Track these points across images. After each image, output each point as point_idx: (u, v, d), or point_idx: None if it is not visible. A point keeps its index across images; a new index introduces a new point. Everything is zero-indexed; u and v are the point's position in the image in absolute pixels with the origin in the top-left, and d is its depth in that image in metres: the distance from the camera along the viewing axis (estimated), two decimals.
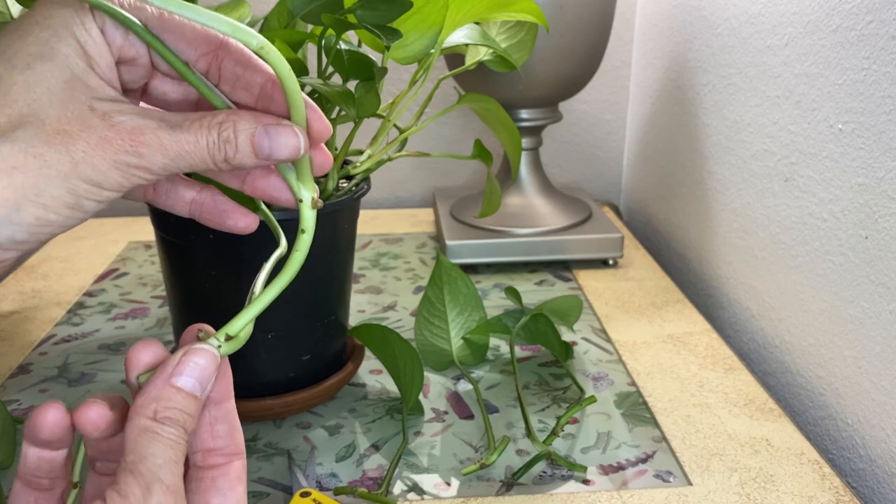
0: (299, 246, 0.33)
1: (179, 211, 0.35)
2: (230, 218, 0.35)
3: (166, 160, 0.29)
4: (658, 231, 0.96)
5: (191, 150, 0.30)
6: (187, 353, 0.30)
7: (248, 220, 0.35)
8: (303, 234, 0.33)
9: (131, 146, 0.29)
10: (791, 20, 0.63)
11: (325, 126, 0.32)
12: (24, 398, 0.59)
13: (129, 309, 0.74)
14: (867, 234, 0.54)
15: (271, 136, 0.30)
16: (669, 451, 0.52)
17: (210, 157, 0.30)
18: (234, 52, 0.32)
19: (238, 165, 0.31)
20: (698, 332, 0.69)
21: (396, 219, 0.98)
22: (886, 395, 0.53)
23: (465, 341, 0.63)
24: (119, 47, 0.31)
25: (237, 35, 0.30)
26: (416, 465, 0.51)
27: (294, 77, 0.31)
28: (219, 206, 0.35)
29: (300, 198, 0.33)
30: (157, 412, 0.28)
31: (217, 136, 0.30)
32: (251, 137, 0.30)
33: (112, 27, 0.30)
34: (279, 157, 0.31)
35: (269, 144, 0.30)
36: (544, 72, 0.77)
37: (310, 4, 0.48)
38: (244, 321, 0.32)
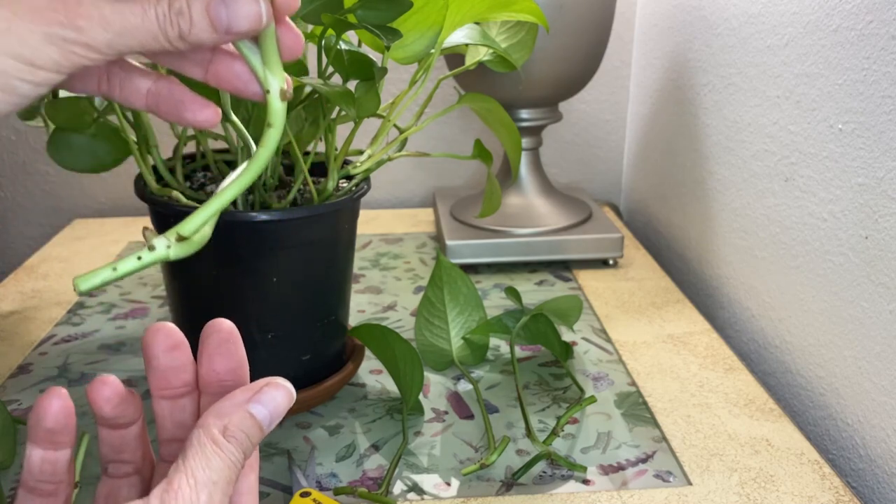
0: (266, 142, 0.30)
1: (136, 104, 0.32)
2: (188, 110, 0.31)
3: (109, 35, 0.26)
4: (658, 231, 0.96)
5: (138, 24, 0.26)
6: (269, 385, 0.30)
7: (208, 113, 0.31)
8: (269, 128, 0.29)
9: (66, 17, 0.26)
10: (791, 20, 0.63)
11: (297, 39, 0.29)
12: (24, 398, 0.59)
13: (129, 309, 0.74)
14: (867, 234, 0.54)
15: (228, 4, 0.27)
16: (669, 451, 0.52)
17: (161, 33, 0.27)
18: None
19: (195, 42, 0.27)
20: (698, 332, 0.69)
21: (396, 219, 0.98)
22: (886, 395, 0.53)
23: (465, 341, 0.63)
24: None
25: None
26: (416, 465, 0.51)
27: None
28: (175, 97, 0.31)
29: (267, 87, 0.29)
30: (227, 429, 0.28)
31: (167, 7, 0.27)
32: (206, 6, 0.27)
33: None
34: (239, 30, 0.27)
35: (227, 13, 0.27)
36: (544, 72, 0.77)
37: (310, 4, 0.48)
38: (200, 220, 0.29)
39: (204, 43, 0.27)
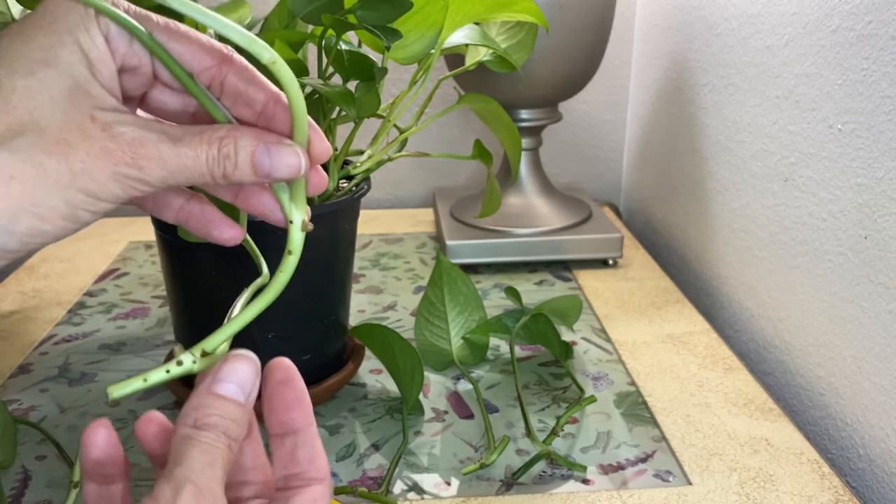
0: (284, 267, 0.32)
1: (166, 217, 0.35)
2: (216, 228, 0.34)
3: (165, 173, 0.29)
4: (658, 231, 0.96)
5: (190, 165, 0.29)
6: (226, 361, 0.30)
7: (234, 232, 0.35)
8: (289, 255, 0.32)
9: (131, 158, 0.28)
10: (791, 20, 0.63)
11: (326, 148, 0.32)
12: (24, 398, 0.59)
13: (129, 309, 0.74)
14: (866, 233, 0.54)
15: (272, 155, 0.30)
16: (669, 451, 0.52)
17: (209, 172, 0.30)
18: (238, 68, 0.31)
19: (236, 181, 0.30)
20: (698, 332, 0.69)
21: (396, 219, 0.98)
22: (886, 394, 0.53)
23: (465, 341, 0.64)
24: (122, 55, 0.30)
25: (251, 47, 0.29)
26: (416, 464, 0.51)
27: (302, 96, 0.30)
28: (206, 216, 0.34)
29: (290, 219, 0.32)
30: (197, 420, 0.28)
31: (217, 152, 0.30)
32: (251, 155, 0.30)
33: (117, 35, 0.30)
34: (278, 177, 0.30)
35: (270, 163, 0.30)
36: (544, 72, 0.77)
37: (310, 5, 0.48)
38: (221, 338, 0.31)
39: (244, 183, 0.31)
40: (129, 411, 0.57)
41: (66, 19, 0.29)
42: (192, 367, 0.31)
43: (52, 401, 0.59)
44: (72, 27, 0.29)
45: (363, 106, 0.51)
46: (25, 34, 0.29)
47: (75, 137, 0.28)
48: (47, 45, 0.28)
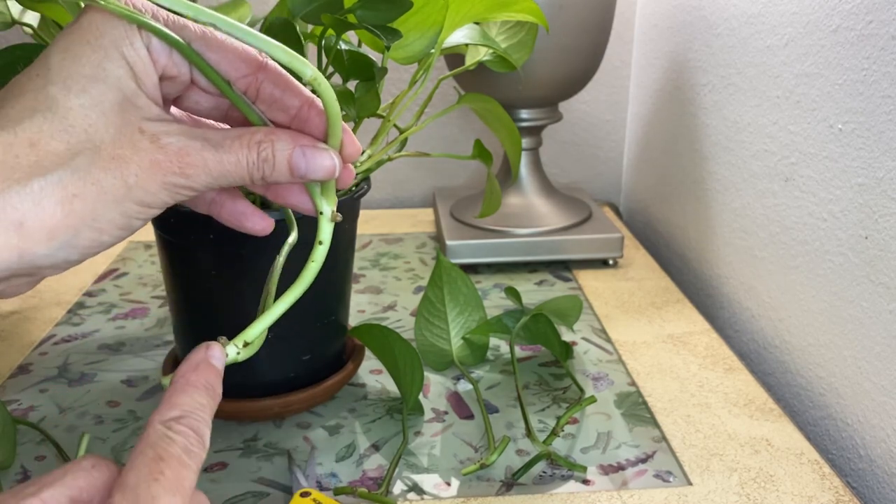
0: (315, 256, 0.35)
1: (200, 209, 0.37)
2: (248, 220, 0.36)
3: (210, 179, 0.31)
4: (658, 231, 0.96)
5: (232, 170, 0.31)
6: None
7: (265, 223, 0.37)
8: (320, 245, 0.35)
9: (179, 168, 0.30)
10: (791, 20, 0.63)
11: (357, 148, 0.34)
12: (24, 398, 0.59)
13: (129, 309, 0.74)
14: (867, 233, 0.54)
15: (308, 158, 0.32)
16: (669, 451, 0.52)
17: (249, 175, 0.32)
18: (273, 75, 0.33)
19: (273, 182, 0.32)
20: (698, 332, 0.69)
21: (396, 219, 0.98)
22: (886, 395, 0.53)
23: (465, 341, 0.63)
24: (163, 66, 0.32)
25: (293, 65, 0.31)
26: (416, 465, 0.51)
27: (337, 105, 0.32)
28: (238, 208, 0.36)
29: (321, 210, 0.35)
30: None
31: (257, 156, 0.32)
32: (289, 158, 0.32)
33: (157, 46, 0.31)
34: (313, 178, 0.32)
35: (306, 165, 0.32)
36: (544, 72, 0.77)
37: (310, 4, 0.48)
38: (259, 328, 0.33)
39: (280, 183, 0.33)
40: (128, 412, 0.57)
41: (112, 33, 0.30)
42: (236, 358, 0.33)
43: (51, 401, 0.59)
44: (117, 41, 0.30)
45: (363, 106, 0.51)
46: (73, 51, 0.30)
47: (127, 152, 0.30)
48: (95, 60, 0.30)
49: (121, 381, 0.61)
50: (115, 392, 0.60)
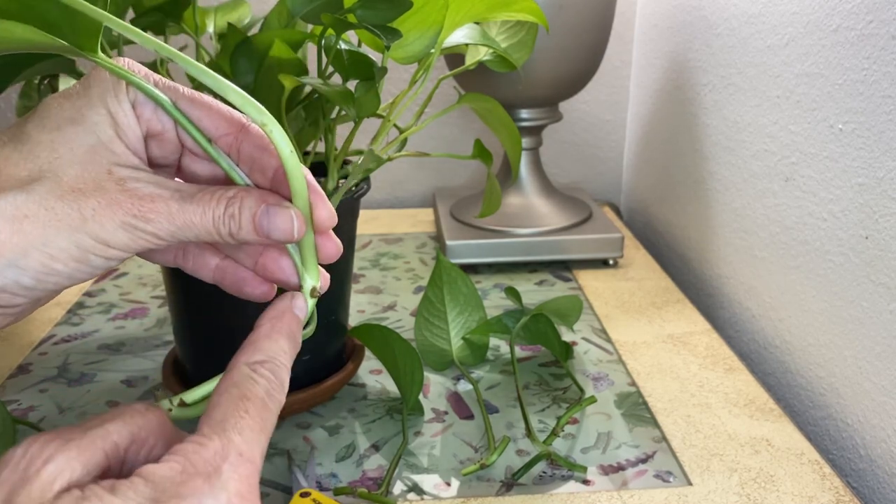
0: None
1: (204, 276, 0.37)
2: (248, 285, 0.36)
3: (173, 228, 0.31)
4: (658, 231, 0.96)
5: (197, 222, 0.31)
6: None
7: (265, 289, 0.37)
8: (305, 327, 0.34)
9: (139, 211, 0.30)
10: (791, 20, 0.63)
11: (330, 214, 0.34)
12: (23, 398, 0.59)
13: (128, 309, 0.74)
14: (867, 233, 0.54)
15: (270, 216, 0.32)
16: (669, 452, 0.52)
17: (215, 230, 0.32)
18: (253, 136, 0.33)
19: (242, 240, 0.32)
20: (698, 333, 0.69)
21: (396, 219, 0.98)
22: (887, 395, 0.53)
23: (465, 341, 0.63)
24: (147, 120, 0.32)
25: (245, 108, 0.31)
26: (416, 465, 0.51)
27: (297, 160, 0.32)
28: (238, 275, 0.36)
29: (302, 283, 0.34)
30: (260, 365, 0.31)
31: (223, 211, 0.32)
32: (254, 215, 0.32)
33: (143, 102, 0.32)
34: (275, 238, 0.32)
35: (268, 223, 0.32)
36: (544, 72, 0.77)
37: (310, 4, 0.48)
38: (202, 393, 0.32)
39: (248, 242, 0.32)
40: None
41: (99, 86, 0.31)
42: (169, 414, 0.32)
43: (51, 401, 0.59)
44: (102, 93, 0.31)
45: (363, 105, 0.51)
46: (62, 98, 0.31)
47: (90, 187, 0.30)
48: (78, 106, 0.31)
49: (120, 381, 0.61)
50: (114, 392, 0.60)
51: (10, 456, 0.26)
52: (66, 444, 0.26)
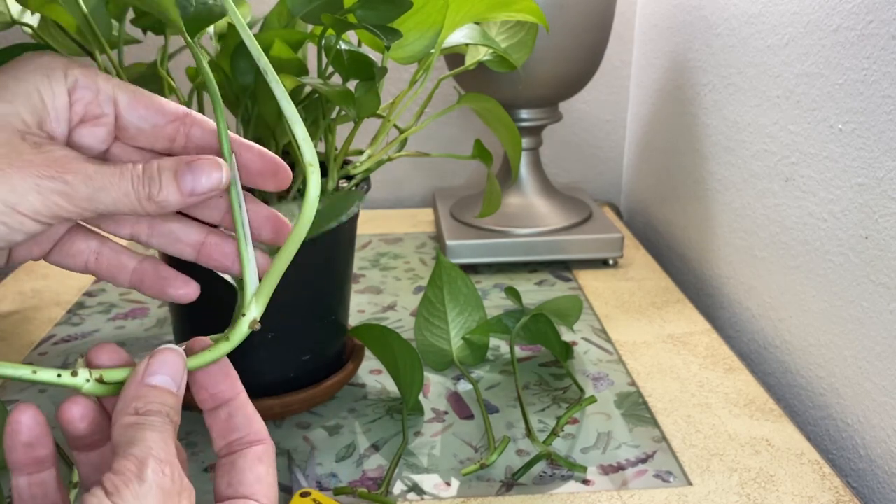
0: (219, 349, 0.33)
1: (121, 282, 0.35)
2: (171, 286, 0.35)
3: (90, 190, 0.30)
4: (658, 231, 0.96)
5: (115, 182, 0.30)
6: (154, 356, 0.31)
7: (189, 289, 0.35)
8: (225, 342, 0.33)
9: (56, 172, 0.29)
10: (791, 20, 0.63)
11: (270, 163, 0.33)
12: (24, 398, 0.59)
13: (128, 309, 0.74)
14: (867, 234, 0.54)
15: (193, 169, 0.31)
16: (669, 452, 0.52)
17: (134, 192, 0.30)
18: (197, 120, 0.33)
19: (163, 204, 0.31)
20: (698, 333, 0.69)
21: (396, 219, 0.98)
22: (887, 395, 0.53)
23: (465, 341, 0.63)
24: (87, 104, 0.32)
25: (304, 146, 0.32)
26: (415, 465, 0.51)
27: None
28: (160, 274, 0.35)
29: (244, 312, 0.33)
30: (139, 408, 0.29)
31: (142, 172, 0.31)
32: (174, 173, 0.31)
33: (84, 86, 0.31)
34: (201, 189, 0.31)
35: (192, 177, 0.31)
36: (544, 72, 0.77)
37: (310, 4, 0.48)
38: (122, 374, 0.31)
39: (170, 203, 0.31)
40: None
41: (37, 68, 0.31)
42: (81, 385, 0.31)
43: (50, 401, 0.59)
44: (37, 73, 0.31)
45: (363, 106, 0.51)
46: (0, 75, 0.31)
47: (2, 150, 0.29)
48: (4, 82, 0.30)
49: None
50: None
51: None
52: None
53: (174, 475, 0.28)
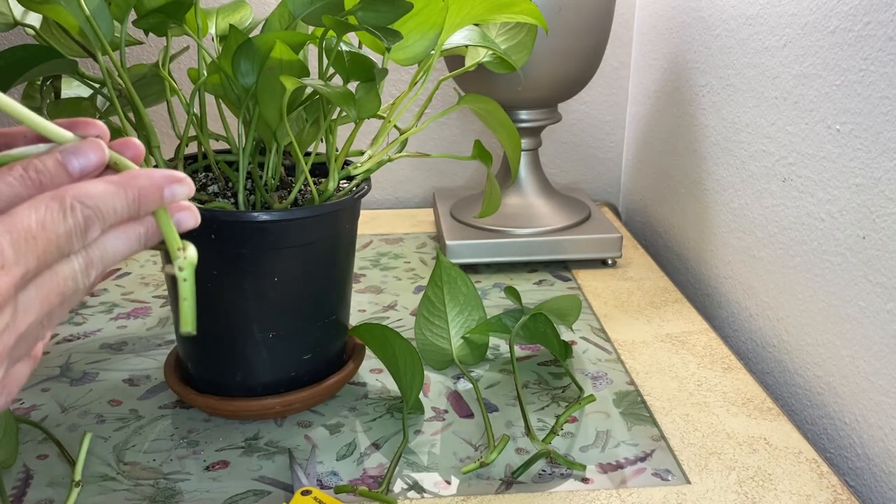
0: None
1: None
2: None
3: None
4: (657, 231, 0.96)
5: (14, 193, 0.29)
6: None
7: None
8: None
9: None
10: (789, 21, 0.63)
11: (94, 126, 0.32)
12: (26, 398, 0.59)
13: (130, 308, 0.74)
14: (865, 234, 0.55)
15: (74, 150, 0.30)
16: (668, 450, 0.53)
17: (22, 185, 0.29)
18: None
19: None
20: (697, 332, 0.69)
21: (397, 219, 0.99)
22: (884, 394, 0.53)
23: (464, 341, 0.64)
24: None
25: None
26: (416, 463, 0.52)
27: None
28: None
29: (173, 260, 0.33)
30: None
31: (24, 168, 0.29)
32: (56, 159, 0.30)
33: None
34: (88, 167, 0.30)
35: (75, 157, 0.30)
36: (543, 73, 0.78)
37: (311, 6, 0.49)
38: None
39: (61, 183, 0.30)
40: (130, 410, 0.57)
41: None
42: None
43: (53, 400, 0.59)
44: None
45: (363, 107, 0.51)
46: None
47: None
48: None
49: (122, 381, 0.62)
50: (116, 391, 0.60)
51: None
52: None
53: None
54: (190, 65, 0.91)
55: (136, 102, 0.51)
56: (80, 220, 0.29)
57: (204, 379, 0.56)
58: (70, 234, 0.29)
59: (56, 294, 0.29)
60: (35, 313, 0.29)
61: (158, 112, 0.91)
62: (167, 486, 0.49)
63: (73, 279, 0.30)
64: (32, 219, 0.28)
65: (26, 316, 0.28)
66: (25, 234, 0.27)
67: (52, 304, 0.29)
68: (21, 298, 0.28)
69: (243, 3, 0.64)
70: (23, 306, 0.28)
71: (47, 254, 0.28)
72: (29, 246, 0.27)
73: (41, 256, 0.28)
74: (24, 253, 0.27)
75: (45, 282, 0.29)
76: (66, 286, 0.29)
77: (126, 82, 0.51)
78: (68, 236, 0.29)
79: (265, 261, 0.51)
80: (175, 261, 0.32)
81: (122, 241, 0.31)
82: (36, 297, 0.28)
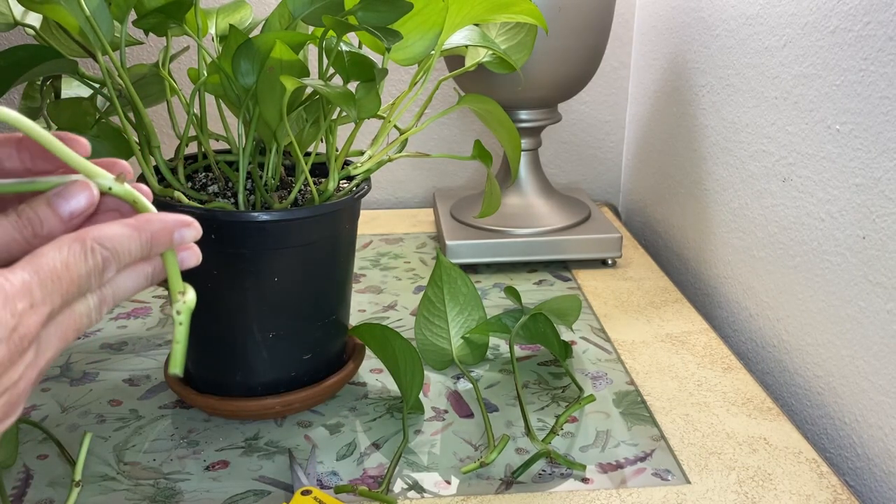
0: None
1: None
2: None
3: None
4: (656, 231, 0.96)
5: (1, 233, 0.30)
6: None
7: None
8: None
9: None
10: (789, 21, 0.63)
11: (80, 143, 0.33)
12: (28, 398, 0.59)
13: (131, 308, 0.74)
14: (864, 234, 0.55)
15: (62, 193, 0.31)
16: (668, 450, 0.53)
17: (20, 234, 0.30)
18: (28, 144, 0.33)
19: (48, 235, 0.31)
20: (696, 332, 0.69)
21: (397, 219, 0.99)
22: (884, 394, 0.54)
23: (464, 340, 0.64)
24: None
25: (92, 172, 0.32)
26: (416, 463, 0.52)
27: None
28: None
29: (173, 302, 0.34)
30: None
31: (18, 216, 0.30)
32: (47, 201, 0.31)
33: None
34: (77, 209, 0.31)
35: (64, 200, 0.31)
36: (543, 73, 0.78)
37: (311, 6, 0.49)
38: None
39: (55, 232, 0.31)
40: (130, 410, 0.58)
41: None
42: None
43: (53, 400, 0.59)
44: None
45: (363, 107, 0.51)
46: None
47: None
48: None
49: (123, 381, 0.62)
50: (116, 391, 0.60)
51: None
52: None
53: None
54: (190, 65, 0.92)
55: (136, 102, 0.51)
56: (100, 261, 0.30)
57: (204, 379, 0.56)
58: (90, 274, 0.30)
59: (73, 331, 0.30)
60: (54, 349, 0.30)
61: (158, 112, 0.91)
62: (167, 486, 0.49)
63: (88, 316, 0.31)
64: (58, 260, 0.29)
65: (46, 352, 0.30)
66: (51, 274, 0.29)
67: (69, 340, 0.31)
68: (43, 336, 0.29)
69: (243, 3, 0.64)
70: (44, 344, 0.29)
71: (69, 293, 0.29)
72: (55, 286, 0.29)
73: (64, 296, 0.29)
74: (49, 292, 0.28)
75: (64, 319, 0.30)
76: (82, 323, 0.31)
77: (126, 82, 0.51)
78: (88, 276, 0.30)
79: (265, 261, 0.51)
80: (174, 304, 0.33)
81: (131, 280, 0.33)
82: (55, 333, 0.30)
